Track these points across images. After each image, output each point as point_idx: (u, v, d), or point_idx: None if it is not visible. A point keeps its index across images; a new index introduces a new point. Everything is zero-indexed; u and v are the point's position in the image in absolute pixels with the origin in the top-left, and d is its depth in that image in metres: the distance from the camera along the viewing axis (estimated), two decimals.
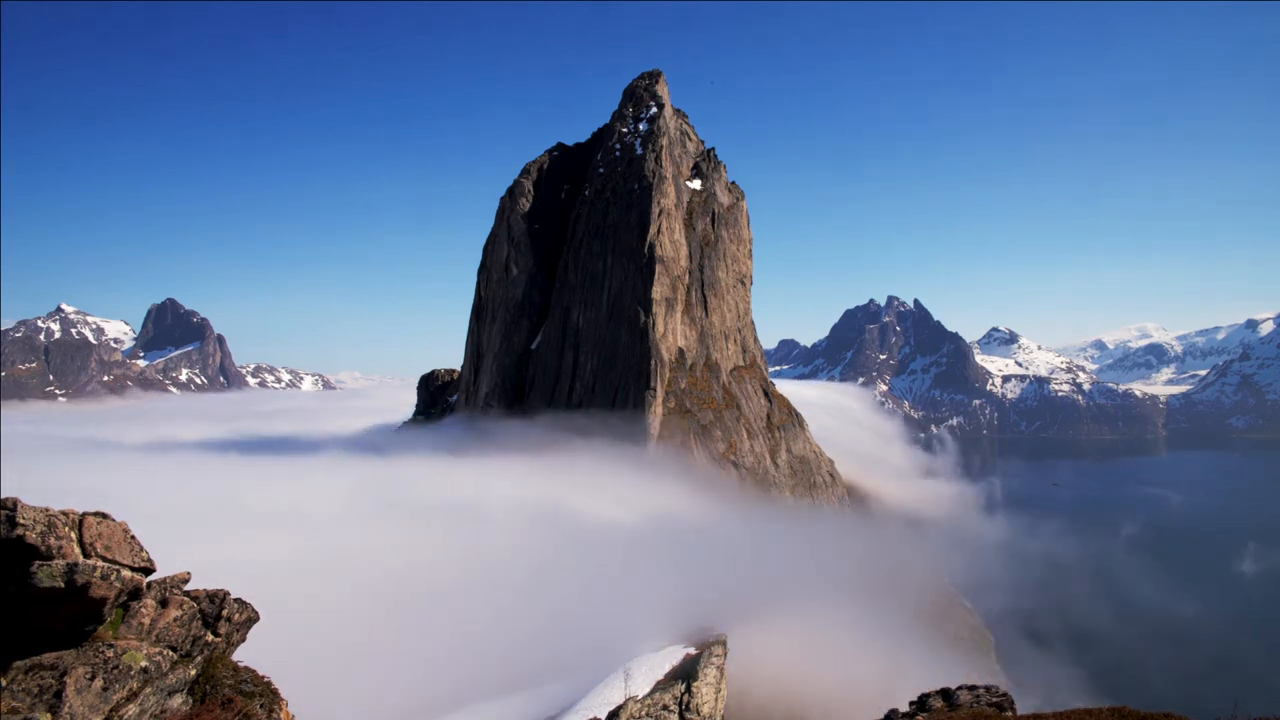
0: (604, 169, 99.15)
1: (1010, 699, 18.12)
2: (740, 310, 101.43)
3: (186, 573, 10.01)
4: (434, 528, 65.66)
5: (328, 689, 34.37)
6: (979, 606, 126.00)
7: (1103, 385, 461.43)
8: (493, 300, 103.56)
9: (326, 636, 41.23)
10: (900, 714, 17.87)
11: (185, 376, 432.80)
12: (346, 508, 73.42)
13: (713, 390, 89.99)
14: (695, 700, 29.56)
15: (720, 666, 32.67)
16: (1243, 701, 17.91)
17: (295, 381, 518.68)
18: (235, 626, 10.36)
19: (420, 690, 38.89)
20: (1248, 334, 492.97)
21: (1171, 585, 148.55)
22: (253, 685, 10.05)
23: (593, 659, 40.01)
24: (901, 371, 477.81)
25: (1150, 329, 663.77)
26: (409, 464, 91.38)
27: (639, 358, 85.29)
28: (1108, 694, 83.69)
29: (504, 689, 39.24)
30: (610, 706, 29.89)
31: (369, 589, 50.89)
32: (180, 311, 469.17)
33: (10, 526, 7.83)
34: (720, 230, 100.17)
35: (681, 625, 45.35)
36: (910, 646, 78.17)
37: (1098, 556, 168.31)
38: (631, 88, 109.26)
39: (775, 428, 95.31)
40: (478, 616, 48.64)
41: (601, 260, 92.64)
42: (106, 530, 8.74)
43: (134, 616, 8.96)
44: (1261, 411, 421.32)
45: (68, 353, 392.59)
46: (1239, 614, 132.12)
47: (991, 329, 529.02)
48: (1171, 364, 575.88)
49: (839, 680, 54.07)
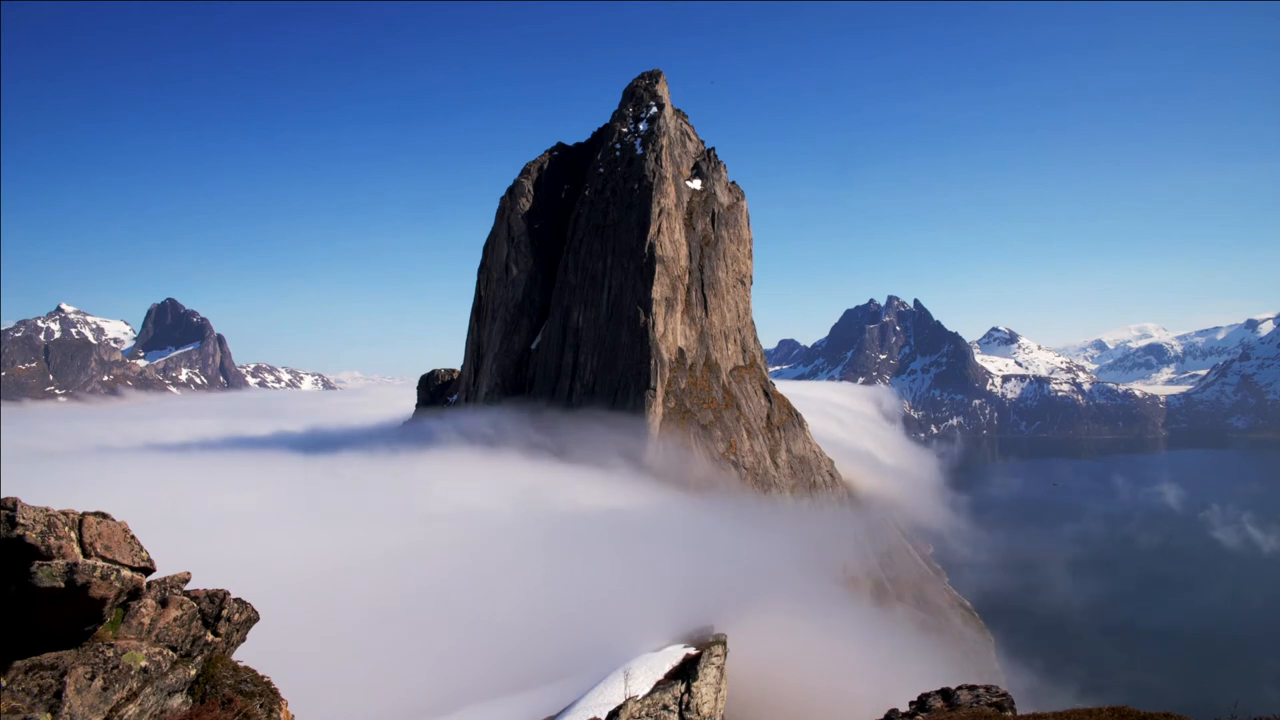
0: (604, 169, 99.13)
1: (1010, 699, 18.12)
2: (740, 310, 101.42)
3: (186, 573, 10.01)
4: (433, 528, 65.64)
5: (328, 689, 34.37)
6: (979, 606, 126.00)
7: (1103, 385, 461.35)
8: (493, 300, 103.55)
9: (326, 637, 41.24)
10: (900, 714, 17.86)
11: (185, 376, 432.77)
12: (343, 509, 73.38)
13: (713, 390, 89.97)
14: (695, 700, 29.55)
15: (720, 666, 32.66)
16: (1243, 701, 17.91)
17: (295, 381, 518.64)
18: (235, 626, 10.35)
19: (420, 690, 38.90)
20: (1248, 334, 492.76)
21: (1171, 585, 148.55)
22: (253, 685, 10.04)
23: (593, 659, 40.00)
24: (901, 371, 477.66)
25: (1150, 329, 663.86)
26: (410, 465, 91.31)
27: (639, 358, 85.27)
28: (1108, 694, 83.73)
29: (504, 689, 39.25)
30: (610, 706, 29.87)
31: (368, 589, 50.89)
32: (180, 311, 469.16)
33: (10, 526, 7.83)
34: (720, 230, 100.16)
35: (681, 625, 45.33)
36: (910, 646, 78.18)
37: (1097, 556, 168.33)
38: (631, 88, 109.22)
39: (775, 428, 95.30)
40: (478, 617, 48.66)
41: (601, 260, 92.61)
42: (106, 530, 8.74)
43: (134, 616, 8.96)
44: (1261, 411, 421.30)
45: (68, 353, 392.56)
46: (1239, 614, 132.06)
47: (991, 329, 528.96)
48: (1171, 364, 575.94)
49: (839, 680, 54.06)
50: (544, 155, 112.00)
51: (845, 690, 52.02)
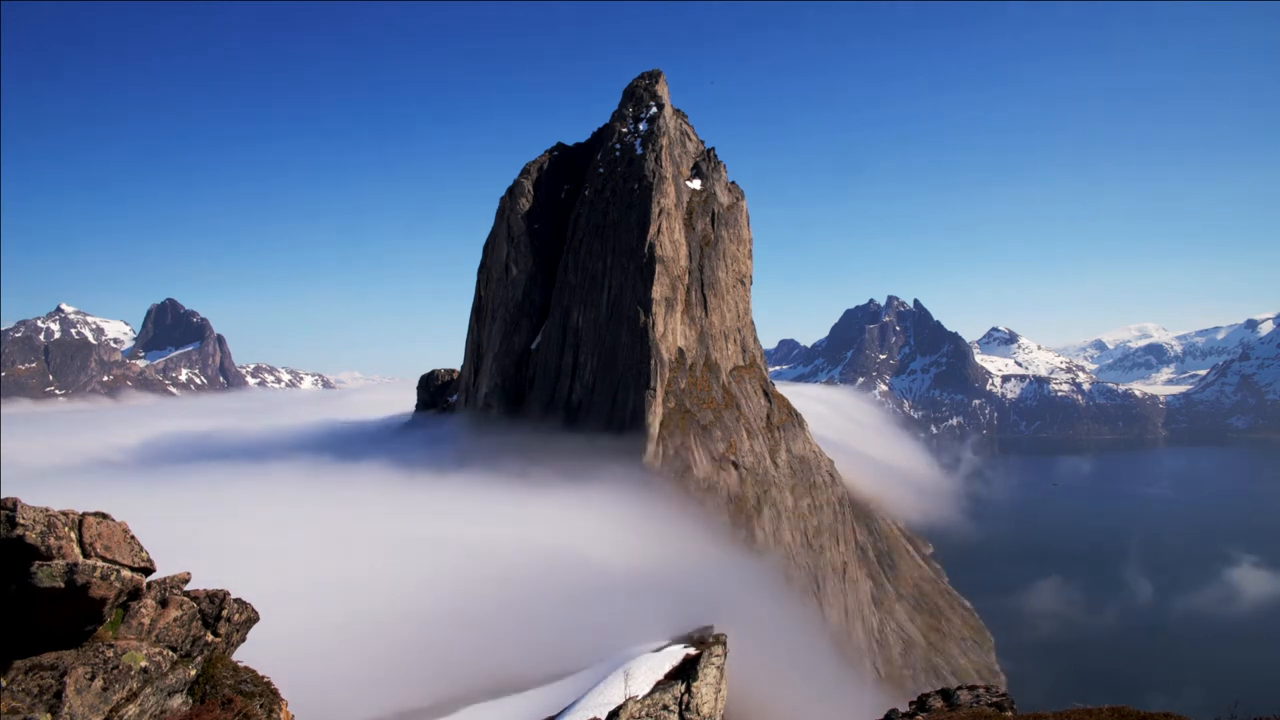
0: (604, 169, 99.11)
1: (1010, 699, 18.15)
2: (740, 310, 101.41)
3: (186, 573, 10.01)
4: (433, 528, 65.61)
5: (328, 689, 34.38)
6: (979, 606, 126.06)
7: (1102, 385, 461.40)
8: (493, 300, 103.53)
9: (326, 637, 41.26)
10: (900, 714, 17.88)
11: (185, 377, 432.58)
12: (344, 509, 73.38)
13: (712, 390, 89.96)
14: (695, 700, 29.53)
15: (720, 666, 32.63)
16: (1243, 701, 17.91)
17: (295, 382, 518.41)
18: (235, 627, 10.35)
19: (420, 690, 38.92)
20: (1248, 334, 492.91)
21: (1171, 585, 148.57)
22: (253, 685, 10.04)
23: (593, 659, 40.02)
24: (901, 371, 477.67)
25: (1150, 329, 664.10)
26: (409, 465, 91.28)
27: (639, 358, 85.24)
28: (1108, 694, 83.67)
29: (504, 689, 39.26)
30: (610, 706, 29.86)
31: (368, 589, 50.89)
32: (180, 311, 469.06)
33: (10, 526, 7.82)
34: (720, 230, 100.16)
35: (681, 625, 45.33)
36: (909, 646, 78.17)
37: (1097, 556, 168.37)
38: (631, 88, 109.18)
39: (775, 428, 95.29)
40: (477, 617, 48.65)
41: (601, 260, 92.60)
42: (106, 530, 8.73)
43: (134, 617, 8.96)
44: (1261, 411, 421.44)
45: (68, 353, 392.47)
46: (1239, 614, 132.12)
47: (991, 329, 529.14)
48: (1171, 364, 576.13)
49: (839, 679, 54.09)
50: (544, 155, 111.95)
51: (845, 689, 52.07)
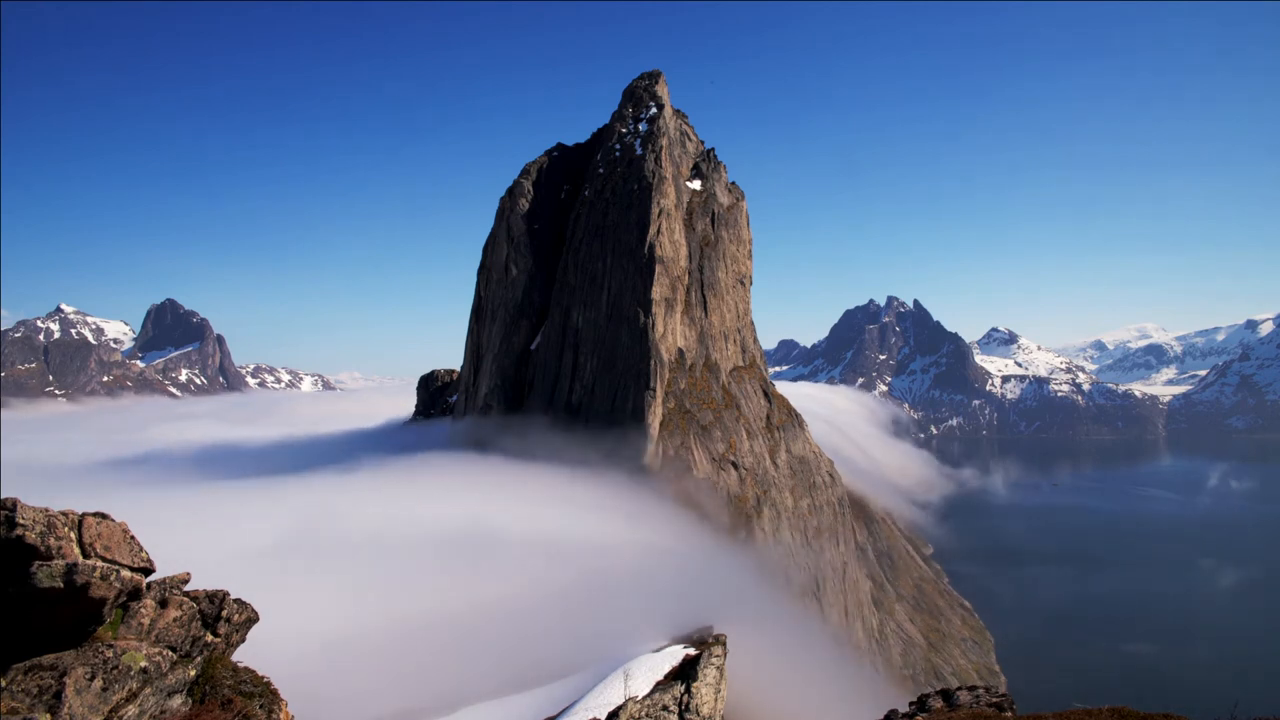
0: (604, 169, 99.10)
1: (1010, 699, 18.14)
2: (740, 310, 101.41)
3: (186, 573, 10.00)
4: (432, 529, 65.57)
5: (328, 689, 34.37)
6: (979, 606, 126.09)
7: (1102, 386, 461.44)
8: (492, 300, 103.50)
9: (326, 637, 41.21)
10: (900, 714, 17.88)
11: (185, 377, 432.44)
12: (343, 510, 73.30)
13: (712, 390, 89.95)
14: (695, 700, 29.53)
15: (720, 666, 32.64)
16: (1243, 701, 17.91)
17: (295, 382, 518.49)
18: (235, 627, 10.35)
19: (420, 690, 38.89)
20: (1247, 334, 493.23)
21: (1171, 585, 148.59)
22: (253, 685, 10.03)
23: (593, 659, 40.03)
24: (901, 372, 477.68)
25: (1150, 329, 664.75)
26: (408, 465, 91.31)
27: (639, 358, 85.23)
28: (1108, 694, 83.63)
29: (504, 689, 39.25)
30: (610, 706, 29.87)
31: (368, 590, 50.86)
32: (180, 312, 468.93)
33: (10, 527, 7.82)
34: (720, 230, 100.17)
35: (681, 625, 45.37)
36: (909, 646, 78.15)
37: (1097, 556, 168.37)
38: (631, 88, 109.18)
39: (775, 428, 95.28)
40: (477, 617, 48.63)
41: (601, 260, 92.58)
42: (106, 530, 8.73)
43: (134, 617, 8.95)
44: (1261, 411, 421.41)
45: (67, 353, 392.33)
46: (1238, 614, 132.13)
47: (991, 329, 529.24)
48: (1171, 364, 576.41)
49: (839, 680, 54.08)
50: (543, 156, 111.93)
51: (844, 689, 52.06)
